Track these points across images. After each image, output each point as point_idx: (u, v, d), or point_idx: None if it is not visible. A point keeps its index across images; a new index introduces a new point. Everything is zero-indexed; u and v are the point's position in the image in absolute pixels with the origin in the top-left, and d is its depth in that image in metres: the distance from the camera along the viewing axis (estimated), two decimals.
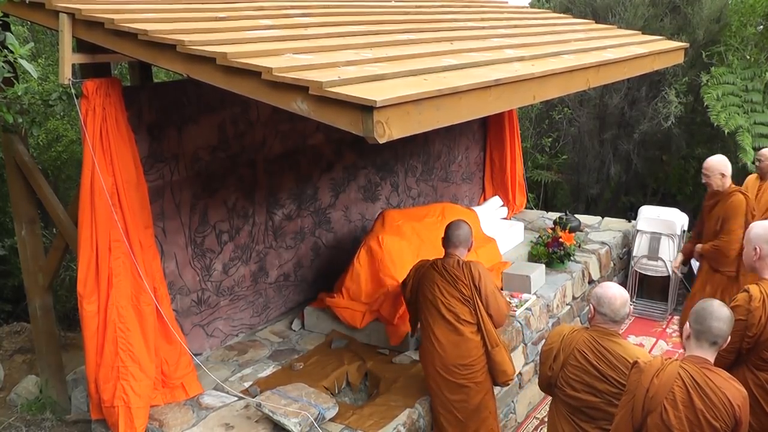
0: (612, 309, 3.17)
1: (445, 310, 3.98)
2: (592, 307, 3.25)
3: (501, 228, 6.66)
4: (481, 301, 3.99)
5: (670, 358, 2.80)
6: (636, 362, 2.85)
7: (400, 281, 4.58)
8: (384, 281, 4.99)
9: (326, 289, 5.37)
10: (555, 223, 6.88)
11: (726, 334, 2.75)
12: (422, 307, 4.11)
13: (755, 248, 3.41)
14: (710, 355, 2.74)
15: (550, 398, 3.55)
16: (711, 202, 5.12)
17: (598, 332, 3.21)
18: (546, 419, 5.08)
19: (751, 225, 3.61)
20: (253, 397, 3.99)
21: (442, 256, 4.15)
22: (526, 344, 5.23)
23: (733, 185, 5.08)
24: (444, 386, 4.00)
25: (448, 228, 4.17)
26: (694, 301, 3.62)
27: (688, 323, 2.80)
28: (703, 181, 5.12)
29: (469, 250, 4.19)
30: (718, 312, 2.73)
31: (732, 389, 2.65)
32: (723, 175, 5.03)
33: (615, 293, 3.19)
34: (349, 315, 4.97)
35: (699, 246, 5.16)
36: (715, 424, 2.60)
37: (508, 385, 4.30)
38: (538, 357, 5.37)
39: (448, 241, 4.15)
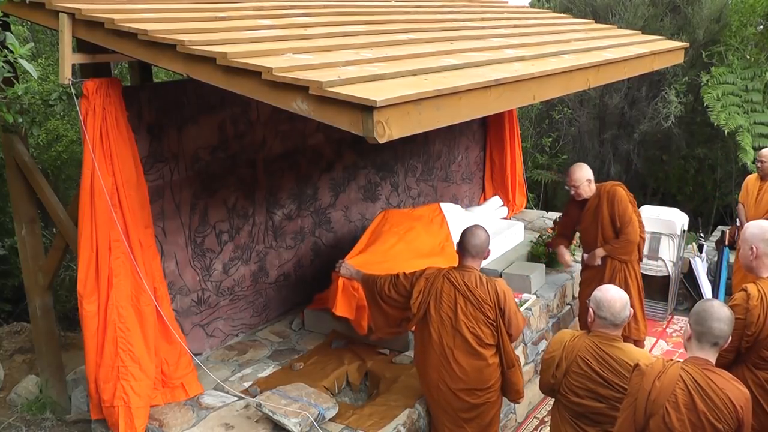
0: (612, 312, 3.15)
1: (468, 334, 3.75)
2: (591, 312, 3.22)
3: (501, 228, 6.65)
4: (504, 323, 3.80)
5: (671, 360, 2.79)
6: (637, 365, 2.83)
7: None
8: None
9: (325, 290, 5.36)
10: (555, 222, 6.88)
11: (727, 334, 2.74)
12: (434, 323, 3.82)
13: (752, 248, 3.41)
14: (712, 356, 2.73)
15: (550, 399, 3.55)
16: (592, 205, 5.14)
17: (599, 338, 3.19)
18: (546, 419, 5.09)
19: (746, 225, 3.62)
20: (253, 397, 3.99)
21: (456, 266, 3.89)
22: (526, 344, 5.23)
23: (597, 184, 5.20)
24: (458, 406, 3.86)
25: (465, 236, 3.88)
26: (592, 288, 3.55)
27: (688, 324, 2.78)
28: (572, 192, 5.18)
29: (484, 258, 3.96)
30: (719, 313, 2.72)
31: (734, 390, 2.64)
32: (589, 181, 5.12)
33: (614, 296, 3.17)
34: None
35: (600, 250, 5.11)
36: (717, 425, 2.60)
37: (519, 403, 4.24)
38: (538, 357, 5.40)
39: (464, 250, 3.86)
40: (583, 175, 5.12)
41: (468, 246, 3.85)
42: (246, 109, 4.90)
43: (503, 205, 7.49)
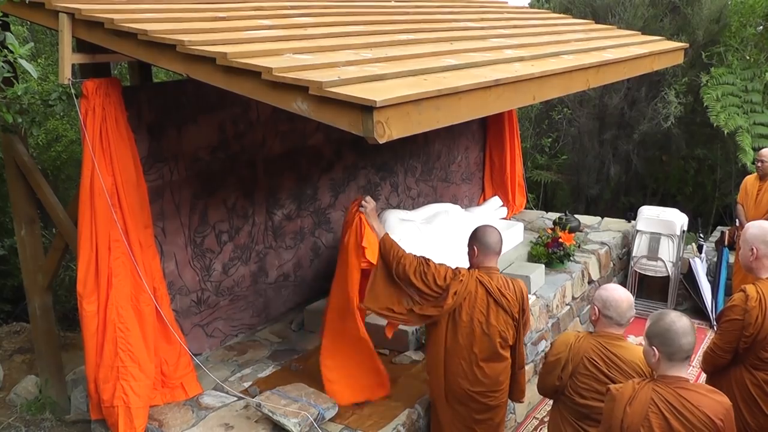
0: (618, 312, 3.15)
1: (498, 337, 3.66)
2: (596, 310, 3.20)
3: (501, 228, 6.65)
4: (522, 323, 3.80)
5: (642, 381, 2.70)
6: (608, 390, 2.76)
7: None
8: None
9: (325, 290, 5.34)
10: (555, 223, 6.89)
11: (694, 344, 2.66)
12: (463, 326, 3.67)
13: (752, 249, 3.41)
14: (684, 371, 2.66)
15: (550, 399, 3.54)
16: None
17: (604, 338, 3.17)
18: (545, 419, 5.09)
19: (747, 225, 3.61)
20: (253, 397, 3.99)
21: (486, 268, 3.73)
22: (525, 344, 5.22)
23: None
24: (474, 408, 3.80)
25: (484, 236, 3.74)
26: None
27: (653, 347, 2.67)
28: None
29: None
30: (683, 327, 2.63)
31: (711, 404, 2.57)
32: None
33: (621, 296, 3.16)
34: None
35: None
36: None
37: (522, 402, 4.26)
38: (537, 357, 5.40)
39: (488, 250, 3.72)
40: None
41: (492, 244, 3.73)
42: (246, 109, 4.90)
43: (503, 206, 7.49)
